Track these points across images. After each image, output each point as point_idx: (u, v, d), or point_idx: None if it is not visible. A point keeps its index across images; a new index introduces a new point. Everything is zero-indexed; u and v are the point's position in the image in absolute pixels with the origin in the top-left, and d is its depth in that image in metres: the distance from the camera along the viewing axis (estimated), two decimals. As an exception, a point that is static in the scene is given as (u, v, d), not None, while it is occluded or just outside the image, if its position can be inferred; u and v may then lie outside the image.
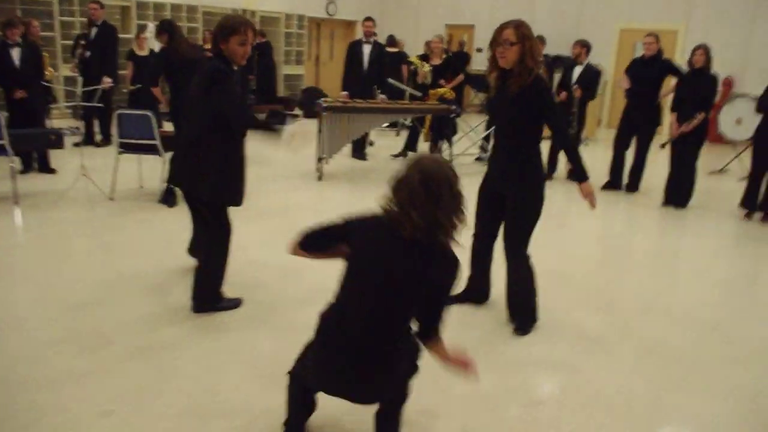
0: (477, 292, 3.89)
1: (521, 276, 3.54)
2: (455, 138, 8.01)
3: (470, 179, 7.36)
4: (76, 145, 7.08)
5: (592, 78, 7.27)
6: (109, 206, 5.51)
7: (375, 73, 8.10)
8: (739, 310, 4.09)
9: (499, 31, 3.28)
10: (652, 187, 7.17)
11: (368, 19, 8.15)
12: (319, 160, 6.92)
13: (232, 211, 3.51)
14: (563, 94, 7.28)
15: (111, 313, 3.50)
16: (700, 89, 6.30)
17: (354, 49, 8.17)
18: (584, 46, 7.34)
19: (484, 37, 13.93)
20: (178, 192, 5.55)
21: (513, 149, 3.42)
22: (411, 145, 8.50)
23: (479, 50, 14.01)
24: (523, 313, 3.60)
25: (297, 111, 12.13)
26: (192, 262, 3.98)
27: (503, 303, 3.69)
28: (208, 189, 3.34)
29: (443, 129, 7.64)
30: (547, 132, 3.35)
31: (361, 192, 6.68)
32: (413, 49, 12.40)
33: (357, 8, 15.34)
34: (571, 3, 13.23)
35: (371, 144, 8.54)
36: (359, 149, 8.21)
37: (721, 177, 8.53)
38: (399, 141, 9.54)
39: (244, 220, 4.26)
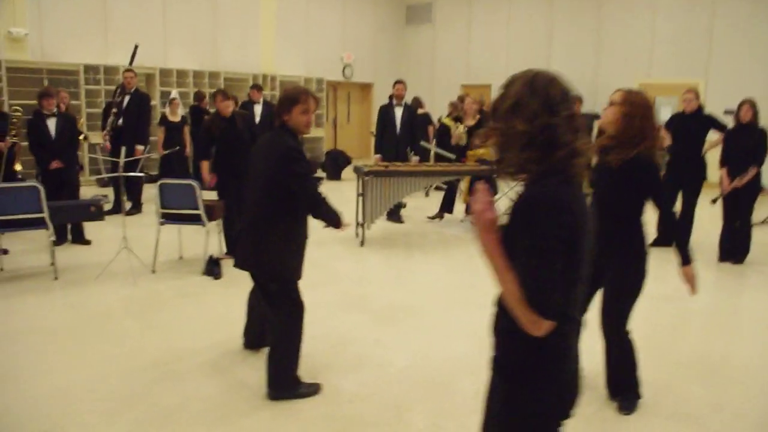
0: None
1: (623, 352, 3.29)
2: (495, 198, 7.85)
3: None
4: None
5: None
6: (153, 280, 5.28)
7: (407, 136, 8.04)
8: None
9: (613, 93, 3.18)
10: (702, 243, 6.95)
11: (399, 82, 8.13)
12: (360, 225, 6.74)
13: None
14: None
15: (173, 400, 3.23)
16: (750, 143, 6.17)
17: (385, 112, 8.12)
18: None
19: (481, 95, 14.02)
20: (226, 262, 5.35)
21: (614, 222, 3.19)
22: (447, 206, 8.33)
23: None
24: (626, 389, 3.33)
25: (320, 173, 12.05)
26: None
27: (598, 380, 3.43)
28: (278, 266, 3.18)
29: (484, 189, 7.47)
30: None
31: (406, 256, 6.46)
32: (431, 110, 12.40)
33: (372, 71, 15.52)
34: (588, 59, 13.33)
35: (404, 206, 8.38)
36: (395, 212, 8.05)
37: (765, 227, 8.32)
38: (430, 202, 9.39)
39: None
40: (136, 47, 6.57)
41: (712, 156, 6.91)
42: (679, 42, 12.13)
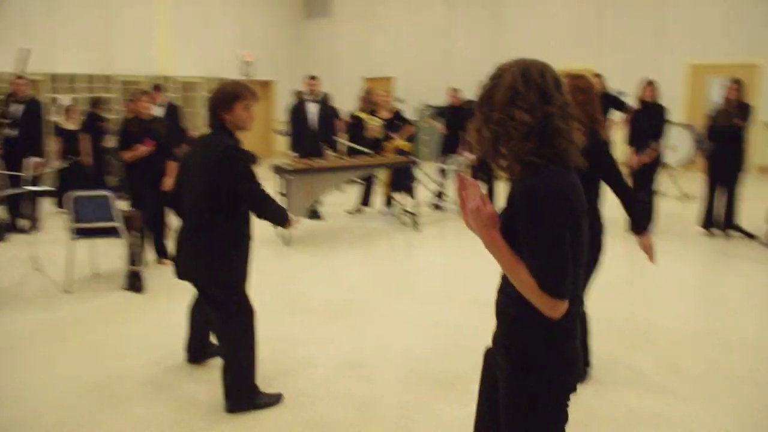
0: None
1: (582, 321, 3.40)
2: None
3: (432, 228, 7.33)
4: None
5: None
6: (71, 301, 4.87)
7: (323, 132, 7.93)
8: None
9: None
10: (610, 217, 7.32)
11: (312, 77, 8.00)
12: (284, 224, 6.59)
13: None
14: None
15: (124, 426, 3.00)
16: (654, 120, 6.56)
17: (298, 108, 7.96)
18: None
19: (404, 88, 14.15)
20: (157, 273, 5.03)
21: None
22: (366, 199, 8.29)
23: (401, 101, 14.15)
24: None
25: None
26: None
27: None
28: (223, 272, 3.02)
29: (404, 180, 7.51)
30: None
31: (333, 252, 6.36)
32: (334, 104, 12.31)
33: (272, 68, 15.19)
34: (488, 48, 13.69)
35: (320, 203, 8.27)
36: (313, 210, 7.92)
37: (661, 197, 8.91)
38: (345, 197, 9.31)
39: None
40: (27, 51, 6.03)
41: (617, 135, 7.31)
42: (571, 27, 12.72)
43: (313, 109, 7.87)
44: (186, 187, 3.13)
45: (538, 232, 1.54)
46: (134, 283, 5.08)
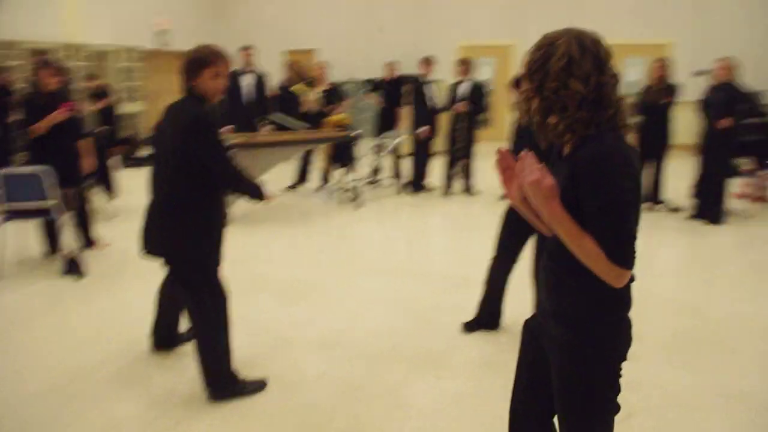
0: (491, 319, 3.77)
1: None
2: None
3: (372, 204, 7.29)
4: None
5: (479, 93, 7.48)
6: (5, 290, 4.49)
7: (257, 105, 7.68)
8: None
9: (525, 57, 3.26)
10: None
11: (246, 48, 7.69)
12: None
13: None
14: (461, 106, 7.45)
15: (99, 424, 2.80)
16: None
17: (231, 80, 7.63)
18: (467, 63, 7.55)
19: (328, 61, 13.90)
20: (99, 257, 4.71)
21: None
22: (303, 175, 8.14)
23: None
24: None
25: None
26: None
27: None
28: (194, 250, 2.87)
29: (344, 155, 7.41)
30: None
31: (278, 230, 6.22)
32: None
33: (189, 38, 14.39)
34: (411, 24, 13.69)
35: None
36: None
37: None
38: (281, 173, 9.08)
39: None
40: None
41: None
42: (492, 5, 12.92)
43: (247, 82, 7.58)
44: (157, 158, 2.94)
45: (606, 199, 1.52)
46: (73, 267, 4.75)
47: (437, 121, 7.81)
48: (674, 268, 5.30)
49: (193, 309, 2.96)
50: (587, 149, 1.58)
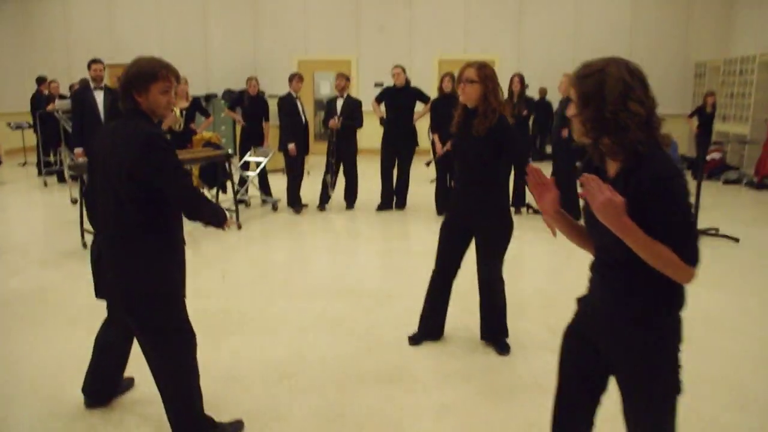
0: (436, 329, 3.86)
1: (500, 297, 3.73)
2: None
3: (252, 224, 7.03)
4: None
5: (356, 108, 7.58)
6: None
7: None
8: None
9: (462, 69, 3.42)
10: (420, 201, 7.90)
11: (95, 61, 7.02)
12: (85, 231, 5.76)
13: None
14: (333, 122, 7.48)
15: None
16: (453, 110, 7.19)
17: (83, 97, 6.93)
18: (346, 79, 7.62)
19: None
20: None
21: (484, 184, 3.51)
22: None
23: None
24: (500, 332, 3.77)
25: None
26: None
27: (465, 335, 3.83)
28: (155, 288, 2.59)
29: (218, 175, 7.05)
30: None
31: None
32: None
33: (-10, 48, 12.81)
34: (246, 38, 13.42)
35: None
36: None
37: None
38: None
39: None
40: None
41: (421, 124, 7.85)
42: (330, 21, 13.12)
43: (99, 98, 6.92)
44: (101, 187, 2.58)
45: (678, 211, 1.70)
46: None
47: (308, 137, 7.74)
48: (547, 265, 5.79)
49: (161, 354, 2.65)
50: (650, 168, 1.73)
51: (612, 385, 1.94)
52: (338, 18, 13.11)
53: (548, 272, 5.61)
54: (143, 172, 2.44)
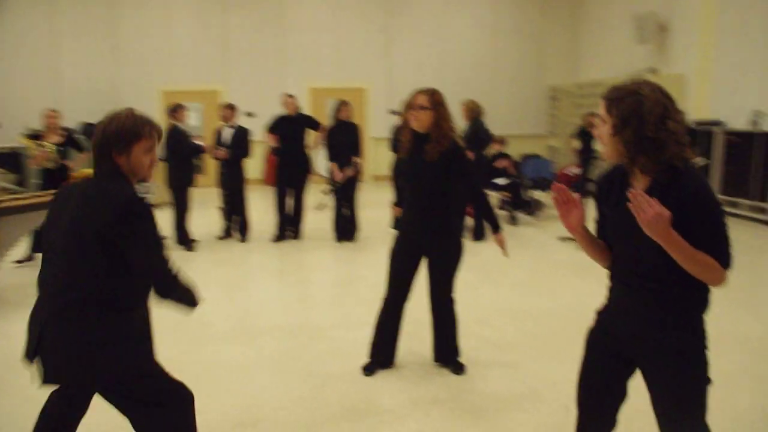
0: (389, 357, 3.80)
1: (452, 318, 3.75)
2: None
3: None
4: None
5: (243, 138, 7.34)
6: None
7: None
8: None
9: (413, 97, 3.44)
10: (318, 228, 7.79)
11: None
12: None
13: None
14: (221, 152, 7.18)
15: None
16: (350, 137, 7.22)
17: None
18: (232, 108, 7.35)
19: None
20: None
21: (437, 208, 3.52)
22: (37, 245, 6.80)
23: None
24: (453, 352, 3.80)
25: None
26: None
27: (416, 359, 3.84)
28: (139, 363, 2.29)
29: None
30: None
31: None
32: None
33: None
34: (105, 67, 12.58)
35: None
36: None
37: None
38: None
39: None
40: None
41: (315, 152, 7.77)
42: (196, 50, 12.67)
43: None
44: (51, 254, 2.23)
45: (716, 221, 1.84)
46: None
47: (195, 169, 7.37)
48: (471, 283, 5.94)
49: (160, 425, 2.33)
50: (690, 182, 1.85)
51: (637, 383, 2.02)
52: (204, 47, 12.69)
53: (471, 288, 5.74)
54: (117, 238, 2.11)
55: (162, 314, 4.99)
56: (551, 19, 13.44)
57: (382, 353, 3.78)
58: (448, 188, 3.53)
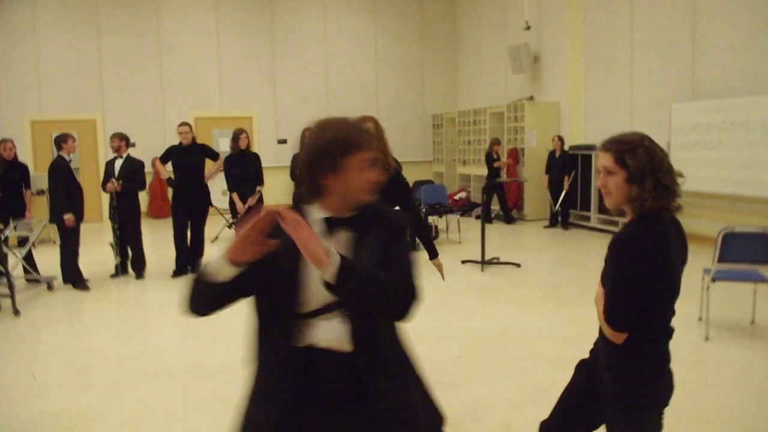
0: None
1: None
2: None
3: (31, 306, 6.07)
4: None
5: (136, 169, 6.96)
6: None
7: None
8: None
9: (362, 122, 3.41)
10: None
11: None
12: None
13: None
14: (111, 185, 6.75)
15: None
16: (251, 167, 7.08)
17: None
18: (123, 138, 6.96)
19: None
20: None
21: None
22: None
23: None
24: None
25: None
26: None
27: None
28: None
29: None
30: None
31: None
32: None
33: None
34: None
35: None
36: None
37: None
38: None
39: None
40: None
41: (217, 183, 7.53)
42: (68, 77, 11.88)
43: None
44: None
45: (616, 276, 1.94)
46: None
47: (82, 203, 6.87)
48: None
49: None
50: (634, 227, 1.96)
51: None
52: (78, 75, 11.91)
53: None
54: None
55: (69, 357, 4.67)
56: (431, 49, 14.03)
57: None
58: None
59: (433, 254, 3.69)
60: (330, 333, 1.61)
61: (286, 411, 1.62)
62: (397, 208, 3.43)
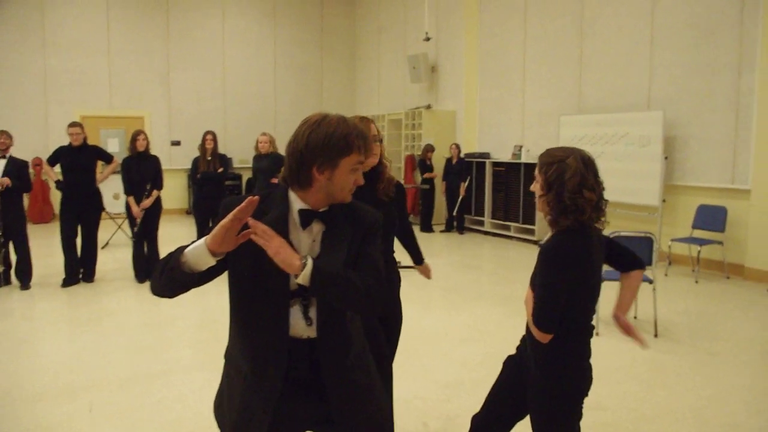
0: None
1: None
2: None
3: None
4: None
5: (21, 169, 6.48)
6: None
7: None
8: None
9: (366, 125, 3.02)
10: (121, 266, 7.15)
11: None
12: None
13: None
14: None
15: None
16: (150, 170, 6.81)
17: None
18: (10, 137, 6.45)
19: None
20: None
21: (389, 253, 3.31)
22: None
23: None
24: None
25: None
26: None
27: None
28: None
29: None
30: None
31: None
32: None
33: None
34: None
35: None
36: None
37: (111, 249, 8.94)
38: None
39: None
40: None
41: (108, 187, 7.15)
42: None
43: None
44: None
45: (542, 282, 2.10)
46: None
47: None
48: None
49: None
50: (560, 239, 2.10)
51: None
52: None
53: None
54: None
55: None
56: (330, 56, 14.11)
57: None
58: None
59: (420, 260, 3.53)
60: (294, 319, 1.70)
61: (275, 395, 1.69)
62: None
